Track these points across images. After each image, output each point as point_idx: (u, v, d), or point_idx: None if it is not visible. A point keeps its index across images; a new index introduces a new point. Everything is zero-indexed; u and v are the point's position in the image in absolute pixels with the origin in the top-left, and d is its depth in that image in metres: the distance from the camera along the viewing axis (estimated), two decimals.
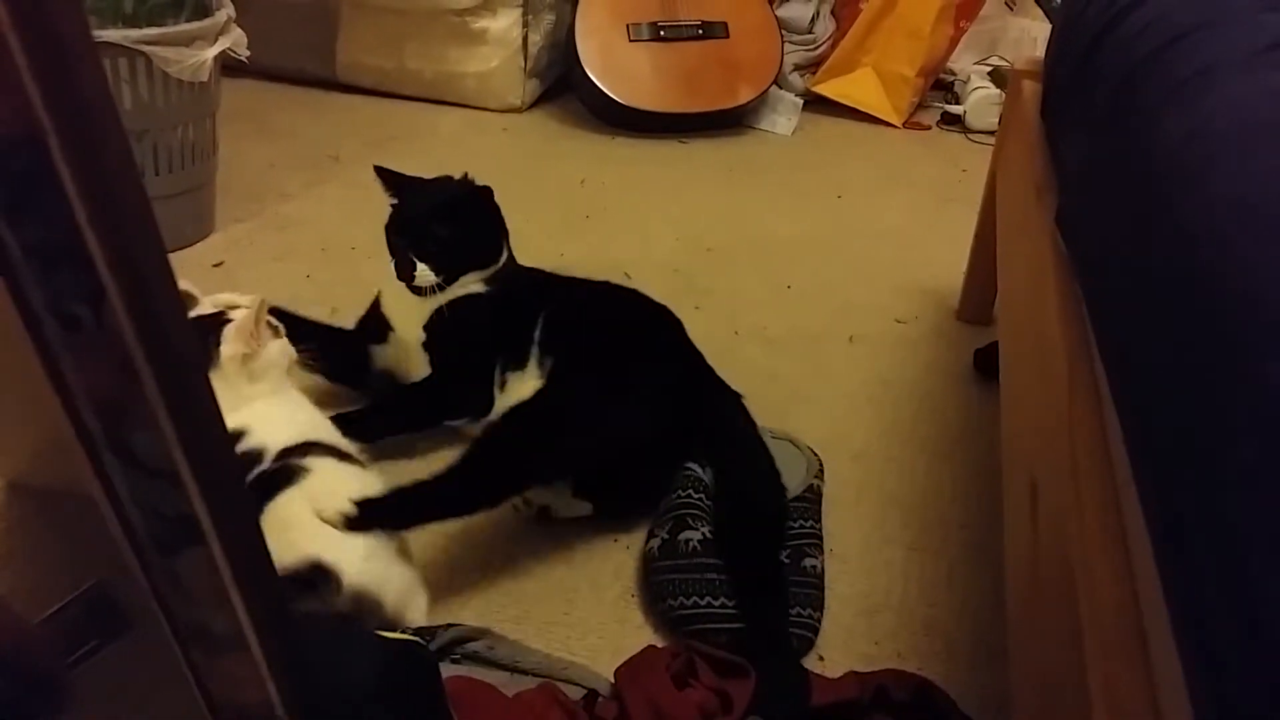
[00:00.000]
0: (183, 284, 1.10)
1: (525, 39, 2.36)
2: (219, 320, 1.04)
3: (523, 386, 1.20)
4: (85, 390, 0.44)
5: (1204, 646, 0.47)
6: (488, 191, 1.25)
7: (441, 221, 1.21)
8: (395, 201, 1.25)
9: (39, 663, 0.75)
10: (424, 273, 1.19)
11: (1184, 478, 0.53)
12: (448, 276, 1.21)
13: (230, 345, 1.02)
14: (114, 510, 0.48)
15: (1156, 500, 0.57)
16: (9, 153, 0.39)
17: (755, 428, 1.19)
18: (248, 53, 1.67)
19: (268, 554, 0.55)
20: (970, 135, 2.50)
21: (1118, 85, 0.84)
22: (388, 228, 1.23)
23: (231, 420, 0.93)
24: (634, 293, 1.31)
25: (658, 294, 1.33)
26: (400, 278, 1.20)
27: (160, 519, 0.48)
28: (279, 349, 1.07)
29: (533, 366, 1.21)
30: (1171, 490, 0.54)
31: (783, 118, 2.48)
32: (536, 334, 1.22)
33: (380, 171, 1.25)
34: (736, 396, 1.23)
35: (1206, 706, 0.46)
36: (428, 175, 1.32)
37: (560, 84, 2.52)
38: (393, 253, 1.22)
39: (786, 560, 1.05)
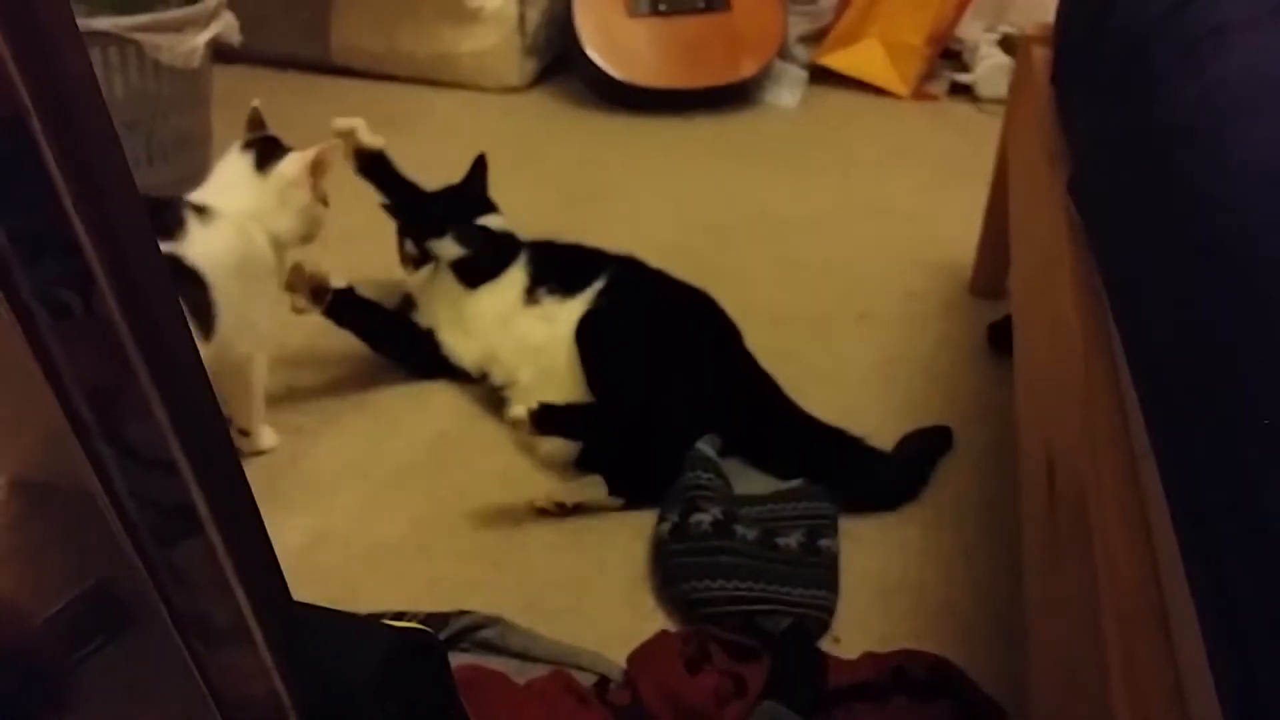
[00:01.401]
0: (255, 102, 1.21)
1: (522, 16, 2.34)
2: (286, 149, 1.17)
3: (566, 319, 1.24)
4: (77, 379, 0.44)
5: (1227, 621, 0.46)
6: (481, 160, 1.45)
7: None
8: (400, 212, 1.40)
9: (44, 661, 0.75)
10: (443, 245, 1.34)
11: (1203, 448, 0.52)
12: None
13: (289, 165, 1.14)
14: (111, 502, 0.47)
15: (1176, 471, 0.56)
16: None
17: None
18: (239, 38, 1.66)
19: (269, 543, 0.54)
20: (980, 104, 2.46)
21: (1129, 48, 0.82)
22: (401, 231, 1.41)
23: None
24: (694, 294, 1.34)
25: None
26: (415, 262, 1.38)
27: (157, 509, 0.48)
28: (319, 213, 1.17)
29: (577, 304, 1.25)
30: (1191, 461, 0.53)
31: (787, 91, 2.45)
32: (600, 284, 1.27)
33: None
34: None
35: (1229, 682, 0.45)
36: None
37: (559, 62, 2.49)
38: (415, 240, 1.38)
39: (804, 540, 1.05)
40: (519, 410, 1.04)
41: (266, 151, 1.16)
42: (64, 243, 0.41)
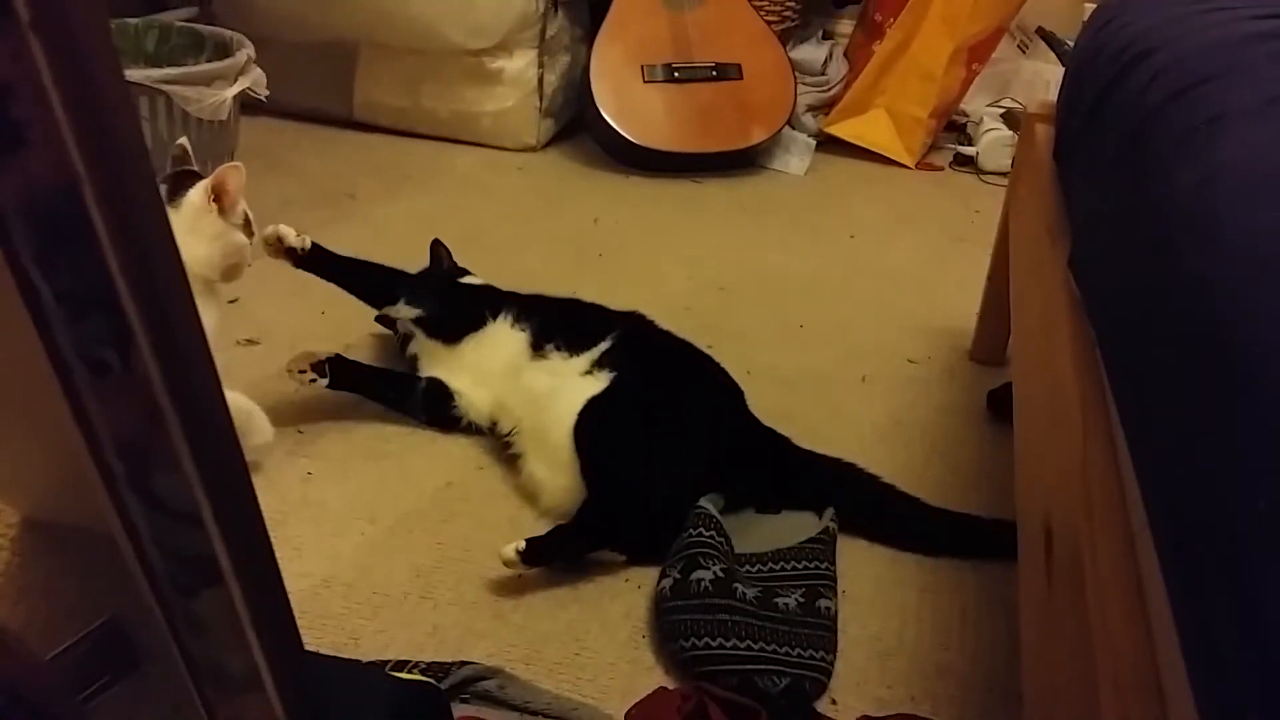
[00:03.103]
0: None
1: (540, 79, 2.40)
2: (198, 177, 1.19)
3: (569, 372, 1.27)
4: (110, 433, 0.44)
5: (1220, 693, 0.47)
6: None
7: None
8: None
9: (50, 699, 0.75)
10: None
11: (1198, 524, 0.53)
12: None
13: (195, 193, 1.15)
14: (134, 550, 0.48)
15: (1171, 545, 0.57)
16: (45, 201, 0.40)
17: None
18: (266, 92, 1.70)
19: (285, 594, 0.55)
20: (982, 176, 2.51)
21: (1129, 132, 0.84)
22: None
23: None
24: (701, 354, 1.37)
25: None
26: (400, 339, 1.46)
27: (180, 560, 0.48)
28: (238, 241, 1.17)
29: (582, 361, 1.27)
30: (1186, 536, 0.54)
31: (795, 158, 2.50)
32: (605, 344, 1.29)
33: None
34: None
35: None
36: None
37: (575, 124, 2.55)
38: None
39: (803, 600, 1.05)
40: (508, 552, 1.06)
41: (179, 184, 1.16)
42: (107, 304, 0.42)
